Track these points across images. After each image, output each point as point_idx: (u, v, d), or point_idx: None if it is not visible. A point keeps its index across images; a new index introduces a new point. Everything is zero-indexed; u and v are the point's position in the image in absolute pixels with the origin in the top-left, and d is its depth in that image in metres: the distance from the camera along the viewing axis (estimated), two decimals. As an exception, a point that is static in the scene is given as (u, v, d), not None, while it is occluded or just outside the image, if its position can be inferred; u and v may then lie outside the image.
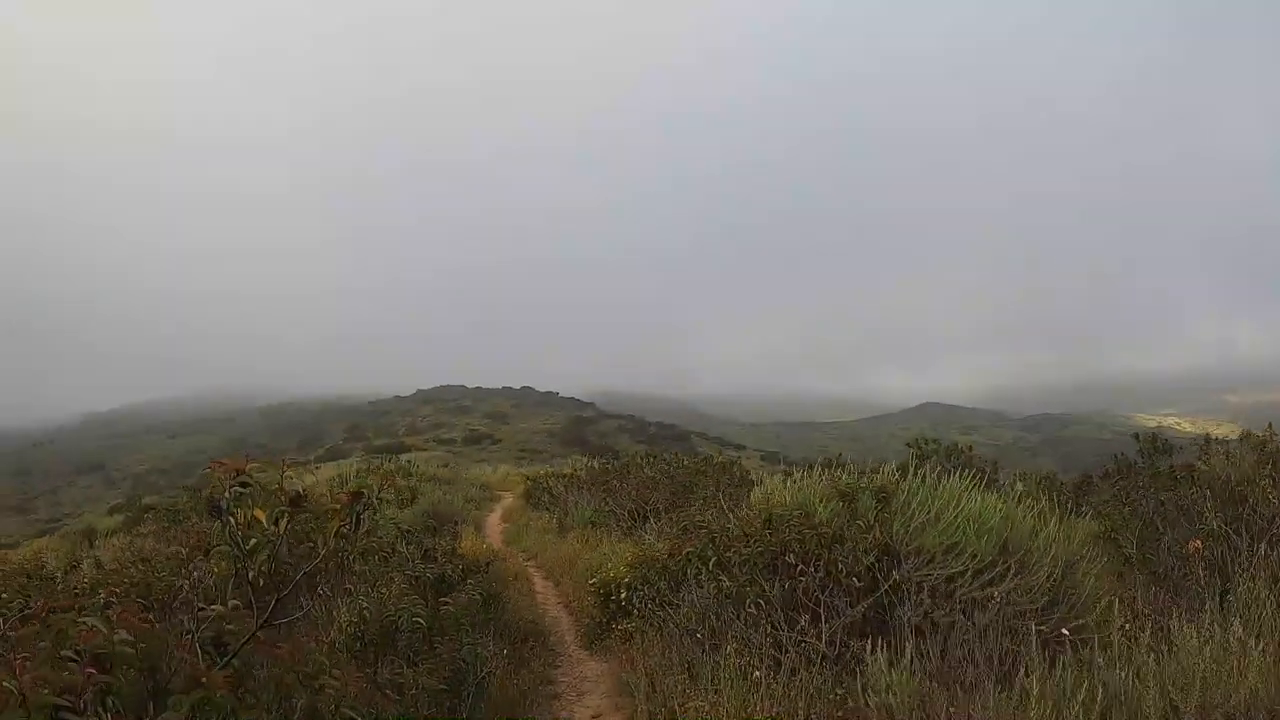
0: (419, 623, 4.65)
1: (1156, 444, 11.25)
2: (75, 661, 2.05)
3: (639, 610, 7.01)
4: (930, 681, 4.38)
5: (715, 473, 13.80)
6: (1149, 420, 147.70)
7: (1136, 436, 11.78)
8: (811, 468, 7.54)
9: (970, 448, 14.55)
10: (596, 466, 17.52)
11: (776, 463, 36.09)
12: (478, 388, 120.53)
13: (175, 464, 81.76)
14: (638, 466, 14.47)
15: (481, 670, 4.57)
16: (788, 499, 5.98)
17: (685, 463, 15.02)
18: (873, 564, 5.46)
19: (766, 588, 5.08)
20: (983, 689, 4.27)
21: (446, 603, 5.17)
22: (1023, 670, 4.31)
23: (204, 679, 2.25)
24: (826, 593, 5.23)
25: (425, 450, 55.24)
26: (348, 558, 6.63)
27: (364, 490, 2.61)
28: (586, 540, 11.66)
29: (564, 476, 17.80)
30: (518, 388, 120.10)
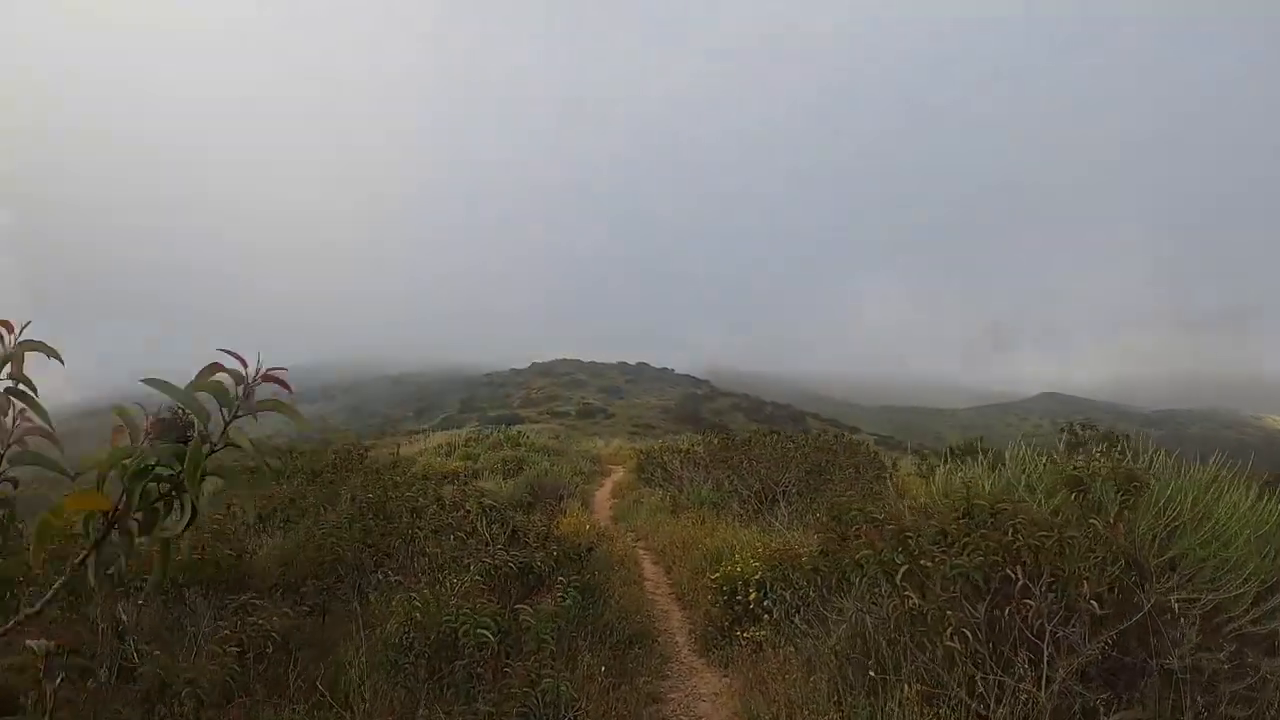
0: (486, 637, 3.37)
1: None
2: None
3: (773, 617, 5.64)
4: None
5: (847, 453, 12.35)
6: (1278, 423, 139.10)
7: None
8: (951, 452, 5.99)
9: (1127, 437, 12.73)
10: (716, 442, 16.10)
11: (893, 447, 34.10)
12: (593, 362, 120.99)
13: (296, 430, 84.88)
14: (763, 443, 12.99)
15: (565, 713, 3.25)
16: (987, 486, 4.38)
17: (816, 441, 13.47)
18: (1117, 580, 3.87)
19: (971, 610, 3.52)
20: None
21: (522, 609, 3.86)
22: None
23: None
24: (1053, 621, 3.66)
25: (538, 422, 55.21)
26: (419, 537, 5.49)
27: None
28: (703, 522, 10.41)
29: (679, 451, 16.49)
30: (633, 363, 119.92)
